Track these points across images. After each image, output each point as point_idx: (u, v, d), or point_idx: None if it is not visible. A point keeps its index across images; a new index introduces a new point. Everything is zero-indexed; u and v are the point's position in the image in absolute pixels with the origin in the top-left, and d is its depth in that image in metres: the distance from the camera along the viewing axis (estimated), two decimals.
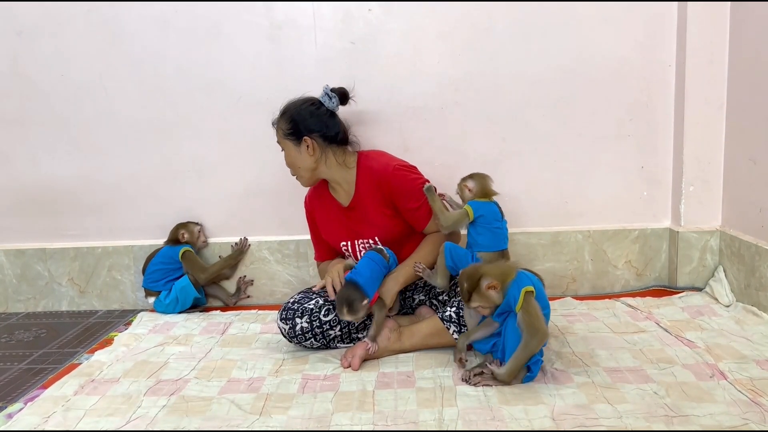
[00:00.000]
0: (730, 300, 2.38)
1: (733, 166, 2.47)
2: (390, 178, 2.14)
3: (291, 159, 2.19)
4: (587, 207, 2.66)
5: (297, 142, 2.16)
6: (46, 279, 2.74)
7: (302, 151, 2.16)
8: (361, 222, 2.21)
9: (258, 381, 1.89)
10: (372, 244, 2.19)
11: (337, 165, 2.20)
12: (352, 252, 2.24)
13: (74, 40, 2.59)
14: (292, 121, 2.16)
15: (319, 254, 2.40)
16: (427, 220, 2.17)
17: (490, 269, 1.77)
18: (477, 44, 2.54)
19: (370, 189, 2.18)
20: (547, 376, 1.82)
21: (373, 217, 2.18)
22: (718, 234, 2.53)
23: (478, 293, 1.75)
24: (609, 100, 2.58)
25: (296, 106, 2.19)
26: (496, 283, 1.74)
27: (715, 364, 1.86)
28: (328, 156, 2.19)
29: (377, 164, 2.19)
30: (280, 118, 2.20)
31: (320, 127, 2.17)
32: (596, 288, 2.66)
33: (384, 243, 2.19)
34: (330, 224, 2.28)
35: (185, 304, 2.57)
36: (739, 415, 1.56)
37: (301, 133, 2.15)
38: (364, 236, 2.21)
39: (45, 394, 1.86)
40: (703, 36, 2.45)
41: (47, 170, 2.69)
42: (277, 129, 2.21)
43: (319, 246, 2.39)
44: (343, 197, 2.25)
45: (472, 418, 1.60)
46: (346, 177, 2.22)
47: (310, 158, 2.17)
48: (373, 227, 2.19)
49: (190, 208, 2.69)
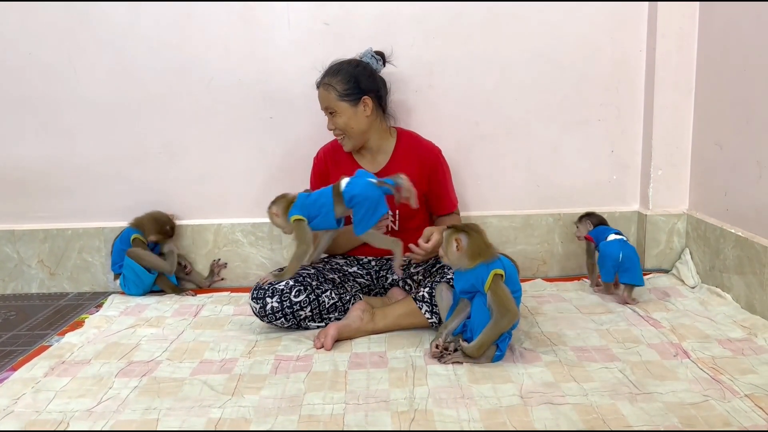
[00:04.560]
0: (696, 282, 2.44)
1: (700, 151, 2.52)
2: (437, 156, 2.29)
3: (344, 120, 2.16)
4: (558, 190, 2.70)
5: (355, 102, 2.15)
6: (15, 261, 2.71)
7: (358, 111, 2.16)
8: None
9: (230, 362, 1.90)
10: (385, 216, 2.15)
11: (382, 131, 2.24)
12: None
13: (42, 19, 2.53)
14: (351, 79, 2.15)
15: None
16: (446, 210, 2.31)
17: (476, 237, 1.81)
18: (450, 28, 2.55)
19: (410, 161, 2.22)
20: (516, 355, 1.86)
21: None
22: (685, 217, 2.59)
23: (449, 233, 1.82)
24: (580, 85, 2.61)
25: (351, 66, 2.18)
26: (459, 240, 1.79)
27: (679, 344, 1.91)
28: (379, 120, 2.22)
29: (425, 141, 2.30)
30: (332, 78, 2.16)
31: (377, 88, 2.20)
32: (566, 270, 2.71)
33: (400, 215, 2.22)
34: None
35: (144, 284, 2.53)
36: (700, 392, 1.61)
37: (361, 92, 2.15)
38: None
39: (14, 375, 1.84)
40: (672, 22, 2.48)
41: (15, 151, 2.65)
42: (327, 89, 2.16)
43: None
44: (369, 163, 2.26)
45: (442, 397, 1.63)
46: (384, 145, 2.25)
47: (366, 119, 2.17)
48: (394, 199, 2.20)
49: (162, 190, 2.67)
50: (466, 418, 1.53)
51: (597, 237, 2.36)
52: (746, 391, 1.60)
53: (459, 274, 1.84)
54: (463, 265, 1.80)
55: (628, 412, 1.53)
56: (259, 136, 2.63)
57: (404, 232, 2.25)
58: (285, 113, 2.61)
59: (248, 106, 2.60)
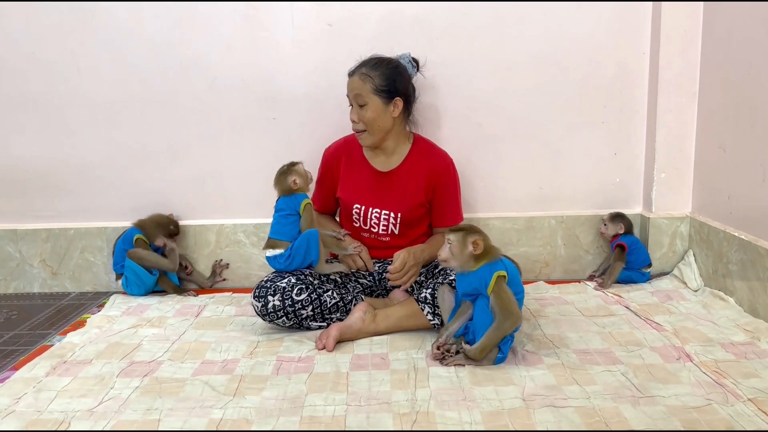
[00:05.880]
0: (699, 285, 2.43)
1: (704, 154, 2.51)
2: (448, 166, 2.27)
3: (372, 115, 2.15)
4: (561, 192, 2.69)
5: (387, 100, 2.15)
6: (17, 260, 2.71)
7: (388, 110, 2.16)
8: (390, 190, 2.23)
9: (232, 363, 1.89)
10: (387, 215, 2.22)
11: (401, 134, 2.25)
12: (363, 218, 2.25)
13: (46, 18, 2.54)
14: (390, 77, 2.15)
15: (316, 204, 2.41)
16: (447, 223, 2.25)
17: (485, 237, 1.81)
18: (454, 29, 2.55)
19: (420, 167, 2.22)
20: (518, 357, 1.85)
21: (406, 191, 2.21)
22: (688, 220, 2.58)
23: (462, 235, 1.79)
24: (583, 87, 2.60)
25: (391, 65, 2.19)
26: (479, 241, 1.77)
27: (681, 347, 1.90)
28: (402, 123, 2.24)
29: (439, 150, 2.30)
30: (372, 71, 2.14)
31: (409, 92, 2.22)
32: (568, 272, 2.70)
33: (402, 220, 2.22)
34: (355, 183, 2.27)
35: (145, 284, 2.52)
36: (703, 395, 1.61)
37: (396, 91, 2.15)
38: (384, 206, 2.23)
39: (16, 375, 1.84)
40: (677, 25, 2.48)
41: (18, 150, 2.65)
42: (364, 79, 2.14)
43: (320, 196, 2.40)
44: (381, 163, 2.26)
45: (444, 399, 1.63)
46: (400, 148, 2.26)
47: (392, 119, 2.18)
48: (399, 201, 2.22)
49: (164, 190, 2.67)
50: (468, 420, 1.52)
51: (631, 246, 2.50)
52: (749, 395, 1.60)
53: (461, 277, 1.83)
54: (468, 268, 1.79)
55: (631, 415, 1.52)
56: (262, 136, 2.62)
57: (403, 237, 2.25)
58: (288, 114, 2.60)
59: (251, 106, 2.60)
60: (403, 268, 2.07)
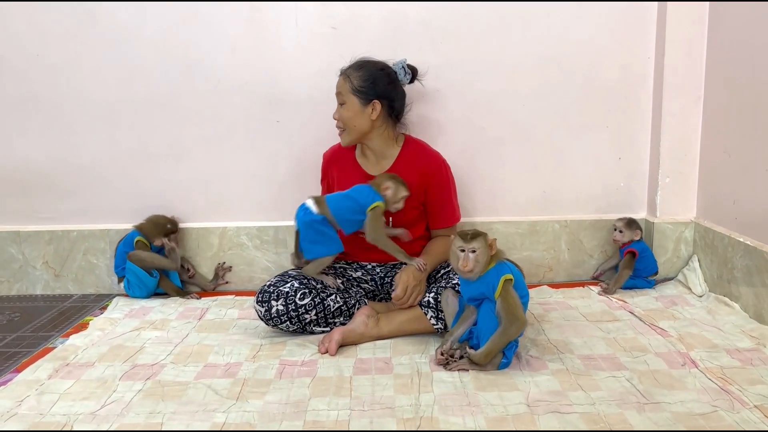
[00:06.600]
0: (703, 290, 2.42)
1: (709, 159, 2.50)
2: (440, 166, 2.25)
3: (349, 114, 2.16)
4: (565, 197, 2.68)
5: (365, 102, 2.15)
6: (20, 262, 2.70)
7: (365, 112, 2.16)
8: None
9: (235, 366, 1.89)
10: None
11: (387, 137, 2.24)
12: None
13: (49, 19, 2.54)
14: (369, 79, 2.15)
15: None
16: (444, 224, 2.26)
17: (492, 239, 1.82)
18: (457, 32, 2.54)
19: (411, 168, 2.21)
20: (522, 362, 1.84)
21: None
22: (692, 225, 2.57)
23: (484, 239, 1.78)
24: (587, 91, 2.60)
25: (376, 67, 2.19)
26: (493, 243, 1.78)
27: (686, 353, 1.89)
28: (385, 126, 2.22)
29: (430, 150, 2.28)
30: (354, 71, 2.17)
31: (392, 97, 2.20)
32: (572, 277, 2.69)
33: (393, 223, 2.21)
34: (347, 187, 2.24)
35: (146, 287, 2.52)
36: (709, 402, 1.60)
37: (374, 94, 2.15)
38: None
39: (18, 377, 1.84)
40: (682, 29, 2.47)
41: (21, 152, 2.65)
42: (345, 79, 2.17)
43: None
44: (372, 166, 2.26)
45: (448, 404, 1.62)
46: (389, 151, 2.25)
47: (369, 121, 2.17)
48: None
49: (167, 192, 2.66)
50: (472, 426, 1.52)
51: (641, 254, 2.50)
52: (755, 401, 1.59)
53: (466, 282, 1.82)
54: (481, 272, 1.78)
55: (636, 421, 1.51)
56: (266, 139, 2.62)
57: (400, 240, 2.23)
58: (292, 117, 2.60)
59: (255, 108, 2.60)
60: (406, 292, 2.05)
